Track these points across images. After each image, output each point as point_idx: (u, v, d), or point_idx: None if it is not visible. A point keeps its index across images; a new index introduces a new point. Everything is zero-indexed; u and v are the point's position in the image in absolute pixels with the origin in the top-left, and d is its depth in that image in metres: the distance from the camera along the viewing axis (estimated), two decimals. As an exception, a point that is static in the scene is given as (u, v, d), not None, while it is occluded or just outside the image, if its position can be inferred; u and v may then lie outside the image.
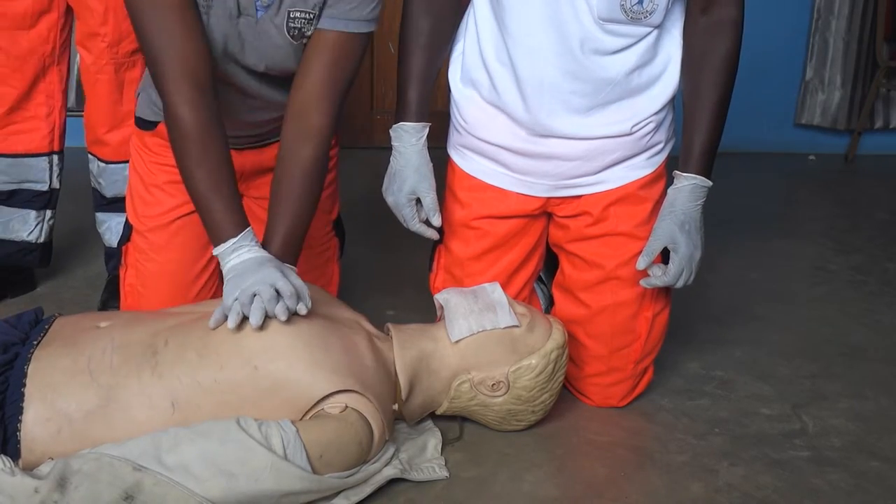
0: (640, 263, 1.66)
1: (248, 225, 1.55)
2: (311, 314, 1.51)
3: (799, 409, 1.83)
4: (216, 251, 1.54)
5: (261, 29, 1.59)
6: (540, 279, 2.01)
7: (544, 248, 1.87)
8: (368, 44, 1.66)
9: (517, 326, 1.59)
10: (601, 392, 1.80)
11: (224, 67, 1.64)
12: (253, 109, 1.75)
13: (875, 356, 2.11)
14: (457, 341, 1.58)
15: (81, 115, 2.19)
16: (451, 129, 1.82)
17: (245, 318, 1.45)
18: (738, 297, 2.46)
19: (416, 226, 1.72)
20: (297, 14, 1.58)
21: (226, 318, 1.45)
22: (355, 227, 1.82)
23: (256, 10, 1.57)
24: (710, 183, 1.66)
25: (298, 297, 1.48)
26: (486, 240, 1.79)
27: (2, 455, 1.27)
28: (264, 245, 1.59)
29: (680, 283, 1.66)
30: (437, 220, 1.70)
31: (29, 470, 1.29)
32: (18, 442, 1.34)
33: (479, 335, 1.58)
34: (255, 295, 1.45)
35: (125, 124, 2.10)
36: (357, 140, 3.63)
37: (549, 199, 1.76)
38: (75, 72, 3.38)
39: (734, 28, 1.65)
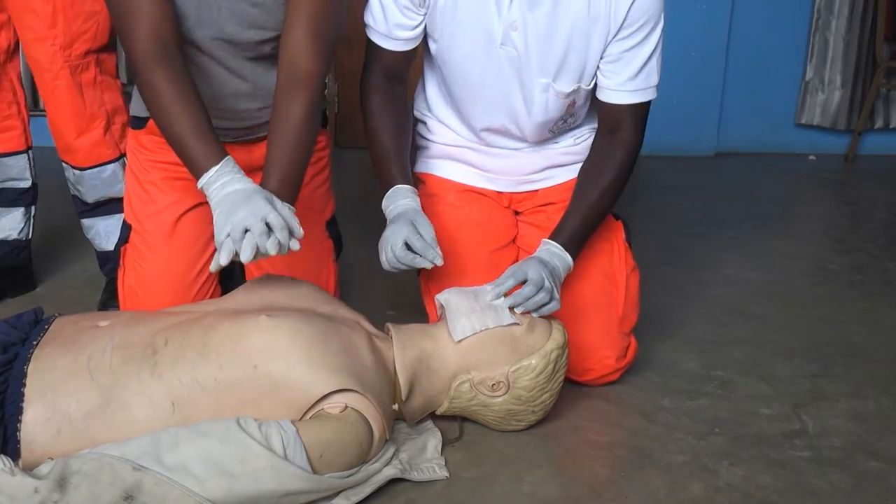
0: (489, 296, 1.64)
1: (228, 154, 1.58)
2: (310, 314, 1.51)
3: (799, 409, 1.83)
4: (200, 183, 1.55)
5: None
6: None
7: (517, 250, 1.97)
8: None
9: (518, 325, 1.59)
10: (595, 356, 1.82)
11: (206, 43, 1.67)
12: (241, 96, 1.78)
13: (875, 356, 2.11)
14: (459, 340, 1.58)
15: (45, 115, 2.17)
16: (416, 150, 1.97)
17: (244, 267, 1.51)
18: (738, 297, 2.46)
19: (417, 260, 1.65)
20: None
21: (224, 260, 1.46)
22: (355, 227, 1.82)
23: None
24: (571, 263, 1.74)
25: (290, 232, 1.49)
26: (473, 212, 1.91)
27: (2, 455, 1.27)
28: (262, 185, 1.61)
29: (533, 302, 1.61)
30: (439, 259, 1.65)
31: (29, 470, 1.29)
32: (18, 442, 1.34)
33: (479, 335, 1.58)
34: (246, 230, 1.46)
35: (92, 127, 2.07)
36: (357, 140, 3.63)
37: (512, 195, 1.95)
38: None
39: (629, 149, 1.81)
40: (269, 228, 1.46)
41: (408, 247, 1.65)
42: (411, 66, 1.87)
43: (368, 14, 1.78)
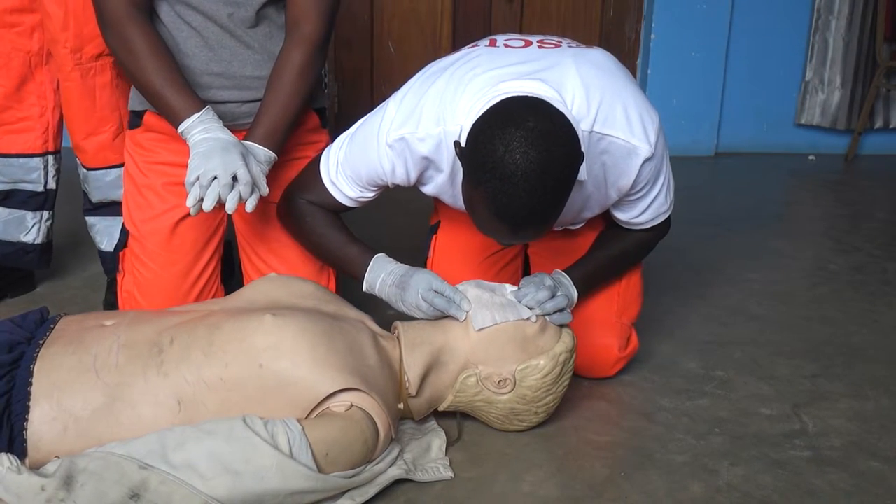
0: (508, 293, 1.66)
1: (208, 104, 1.69)
2: (316, 313, 1.51)
3: (799, 409, 1.83)
4: (182, 127, 1.66)
5: None
6: None
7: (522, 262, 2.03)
8: None
9: (535, 322, 1.60)
10: (597, 343, 1.84)
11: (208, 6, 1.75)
12: (238, 59, 1.81)
13: (875, 356, 2.11)
14: (480, 329, 1.58)
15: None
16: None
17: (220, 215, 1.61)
18: (738, 297, 2.46)
19: (452, 308, 1.61)
20: None
21: (190, 202, 1.60)
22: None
23: None
24: (575, 298, 1.75)
25: (254, 188, 1.62)
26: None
27: (8, 454, 1.28)
28: (250, 131, 1.73)
29: (551, 305, 1.63)
30: (466, 304, 1.62)
31: (35, 468, 1.30)
32: (25, 441, 1.34)
33: (493, 330, 1.58)
34: (215, 178, 1.58)
35: (100, 130, 2.08)
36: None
37: None
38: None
39: (650, 243, 1.88)
40: (237, 182, 1.59)
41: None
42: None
43: (333, 169, 1.73)
